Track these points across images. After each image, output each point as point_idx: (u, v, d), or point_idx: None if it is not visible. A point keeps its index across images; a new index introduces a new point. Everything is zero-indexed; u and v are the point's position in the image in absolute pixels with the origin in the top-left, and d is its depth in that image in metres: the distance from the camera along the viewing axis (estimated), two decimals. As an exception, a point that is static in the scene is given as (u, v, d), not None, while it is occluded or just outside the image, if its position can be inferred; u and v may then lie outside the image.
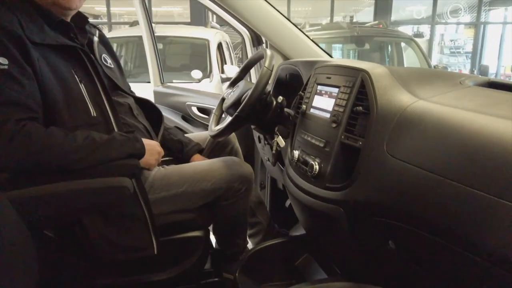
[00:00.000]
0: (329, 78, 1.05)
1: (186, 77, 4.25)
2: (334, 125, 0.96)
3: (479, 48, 10.22)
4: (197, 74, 4.15)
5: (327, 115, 1.01)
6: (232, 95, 1.35)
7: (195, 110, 2.13)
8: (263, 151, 1.67)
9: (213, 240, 1.47)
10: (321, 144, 0.99)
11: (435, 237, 0.69)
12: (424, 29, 10.41)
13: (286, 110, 1.29)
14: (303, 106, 1.14)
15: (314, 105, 1.09)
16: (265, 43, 1.80)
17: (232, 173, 1.29)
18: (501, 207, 0.57)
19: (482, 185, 0.60)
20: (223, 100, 1.46)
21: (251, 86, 1.24)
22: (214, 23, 5.76)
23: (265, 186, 1.96)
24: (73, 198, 0.96)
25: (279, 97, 1.27)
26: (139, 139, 1.12)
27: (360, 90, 0.90)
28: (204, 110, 2.12)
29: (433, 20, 9.90)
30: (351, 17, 10.05)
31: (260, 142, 1.67)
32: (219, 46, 4.76)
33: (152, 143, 1.18)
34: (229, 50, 5.35)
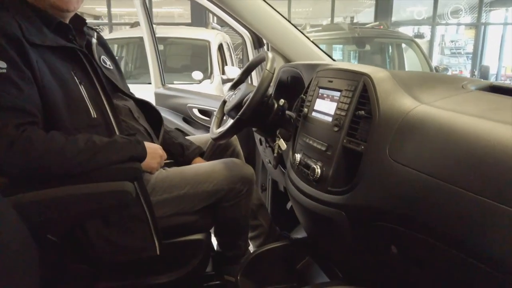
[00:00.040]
0: (331, 81, 1.05)
1: (187, 78, 4.25)
2: (336, 129, 0.96)
3: (479, 49, 10.21)
4: (198, 75, 4.15)
5: (329, 118, 1.01)
6: (234, 98, 1.35)
7: (196, 112, 2.13)
8: (264, 153, 1.67)
9: (214, 243, 1.47)
10: (323, 148, 0.99)
11: (437, 241, 0.69)
12: (425, 30, 10.41)
13: (287, 112, 1.29)
14: (304, 109, 1.14)
15: (316, 108, 1.09)
16: (266, 45, 1.80)
17: (234, 175, 1.29)
18: (504, 213, 0.57)
19: (485, 191, 0.60)
20: (224, 103, 1.46)
21: (253, 89, 1.24)
22: (215, 24, 5.76)
23: (266, 188, 1.96)
24: (75, 203, 0.96)
25: (281, 100, 1.27)
26: (141, 141, 1.12)
27: (362, 94, 0.90)
28: (205, 112, 2.12)
29: (434, 21, 9.90)
30: (352, 18, 10.04)
31: (261, 144, 1.67)
32: (220, 47, 4.77)
33: (154, 146, 1.18)
34: (229, 51, 5.36)
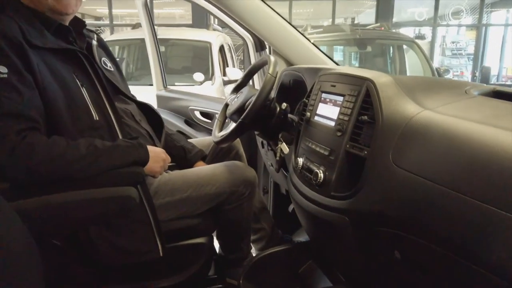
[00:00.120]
0: (333, 86, 1.05)
1: (188, 79, 4.25)
2: (339, 133, 0.96)
3: (481, 50, 10.20)
4: (199, 76, 4.15)
5: (331, 123, 1.01)
6: (236, 101, 1.35)
7: (198, 114, 2.13)
8: (266, 156, 1.67)
9: (216, 246, 1.47)
10: (326, 153, 0.99)
11: (439, 247, 0.69)
12: (426, 31, 10.40)
13: (289, 116, 1.29)
14: (307, 113, 1.14)
15: (319, 112, 1.09)
16: (268, 48, 1.80)
17: (236, 177, 1.29)
18: (507, 220, 0.57)
19: (488, 197, 0.60)
20: (226, 106, 1.46)
21: (255, 92, 1.24)
22: (216, 25, 5.76)
23: (268, 190, 1.96)
24: (78, 209, 0.96)
25: (283, 104, 1.27)
26: (143, 145, 1.11)
27: (365, 99, 0.90)
28: (207, 115, 2.12)
29: (435, 22, 9.89)
30: (353, 19, 10.04)
31: (263, 147, 1.67)
32: (221, 49, 4.77)
33: (157, 150, 1.17)
34: (231, 52, 5.36)
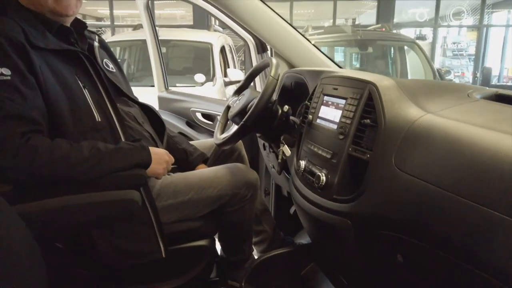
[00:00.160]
0: (335, 89, 1.05)
1: (189, 80, 4.25)
2: (341, 136, 0.96)
3: (482, 51, 10.20)
4: (200, 77, 4.15)
5: (334, 126, 1.01)
6: (238, 104, 1.35)
7: (199, 116, 2.13)
8: (268, 158, 1.67)
9: (218, 249, 1.47)
10: (328, 156, 0.99)
11: (442, 251, 0.69)
12: (427, 31, 10.40)
13: (291, 118, 1.29)
14: (309, 116, 1.14)
15: (321, 115, 1.09)
16: (269, 50, 1.81)
17: (238, 179, 1.29)
18: (509, 224, 0.57)
19: (491, 202, 0.60)
20: (228, 108, 1.46)
21: (257, 95, 1.24)
22: (217, 26, 5.77)
23: (269, 192, 1.96)
24: (81, 212, 0.96)
25: (285, 106, 1.27)
26: (146, 147, 1.11)
27: (367, 102, 0.90)
28: (208, 116, 2.12)
29: (436, 22, 9.89)
30: (354, 20, 10.04)
31: (265, 149, 1.67)
32: (222, 50, 4.77)
33: (159, 152, 1.17)
34: (232, 53, 5.36)
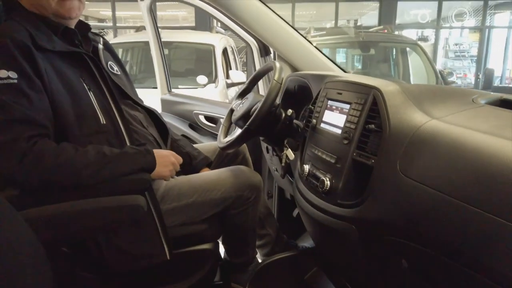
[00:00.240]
0: (340, 93, 1.05)
1: (192, 82, 4.25)
2: (345, 141, 0.96)
3: (484, 52, 10.19)
4: (202, 79, 4.16)
5: (338, 131, 1.01)
6: (241, 107, 1.35)
7: (202, 118, 2.13)
8: (271, 161, 1.67)
9: (221, 252, 1.47)
10: (332, 160, 0.99)
11: (447, 258, 0.69)
12: (429, 33, 10.39)
13: (295, 122, 1.29)
14: (313, 120, 1.14)
15: (325, 120, 1.09)
16: (272, 53, 1.81)
17: (241, 182, 1.29)
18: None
19: (497, 209, 0.59)
20: (231, 112, 1.47)
21: (260, 98, 1.25)
22: (219, 27, 5.77)
23: (272, 195, 1.96)
24: (87, 217, 0.96)
25: (289, 110, 1.27)
26: (150, 151, 1.12)
27: (372, 107, 0.90)
28: (211, 119, 2.12)
29: (438, 24, 9.88)
30: (356, 21, 10.02)
31: (268, 152, 1.67)
32: (224, 51, 4.78)
33: (164, 154, 1.16)
34: (234, 55, 5.37)
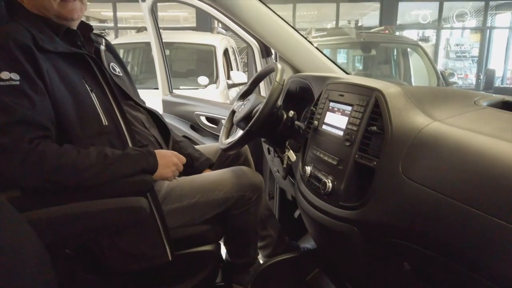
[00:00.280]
0: (341, 95, 1.05)
1: (193, 83, 4.26)
2: (347, 143, 0.96)
3: (485, 53, 10.18)
4: (203, 80, 4.16)
5: (340, 132, 1.01)
6: (243, 109, 1.35)
7: (203, 119, 2.13)
8: (272, 162, 1.67)
9: (222, 253, 1.47)
10: (334, 162, 0.99)
11: (449, 260, 0.69)
12: (430, 33, 10.38)
13: (296, 123, 1.29)
14: (314, 122, 1.14)
15: (326, 121, 1.09)
16: (274, 54, 1.81)
17: (243, 183, 1.29)
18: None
19: (499, 212, 0.59)
20: (233, 113, 1.47)
21: (262, 100, 1.25)
22: (220, 28, 5.77)
23: (273, 196, 1.96)
24: (90, 219, 0.97)
25: (290, 112, 1.27)
26: (152, 152, 1.12)
27: (374, 109, 0.90)
28: (212, 120, 2.12)
29: (439, 24, 9.87)
30: (356, 22, 10.02)
31: (269, 153, 1.67)
32: (225, 52, 4.78)
33: (167, 156, 1.16)
34: (235, 56, 5.37)
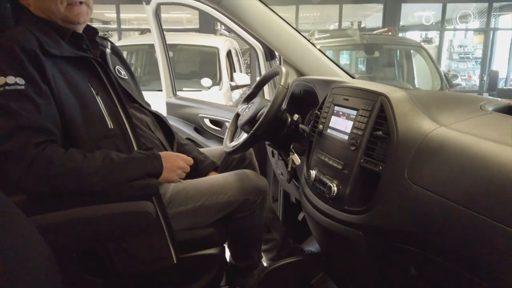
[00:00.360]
0: (346, 99, 1.05)
1: (196, 85, 4.27)
2: (352, 148, 0.96)
3: (488, 54, 10.15)
4: (206, 82, 4.17)
5: (345, 137, 1.01)
6: (248, 112, 1.35)
7: (207, 122, 2.14)
8: (277, 165, 1.67)
9: (227, 257, 1.47)
10: (339, 166, 0.99)
11: (455, 266, 0.69)
12: (433, 35, 10.36)
13: (301, 126, 1.29)
14: (319, 125, 1.14)
15: (331, 125, 1.09)
16: (278, 57, 1.81)
17: (247, 186, 1.29)
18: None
19: (506, 218, 0.59)
20: (237, 116, 1.47)
21: (267, 103, 1.25)
22: (223, 30, 5.79)
23: (277, 199, 1.96)
24: (97, 224, 0.97)
25: (295, 115, 1.27)
26: (158, 155, 1.12)
27: (379, 114, 0.90)
28: (216, 122, 2.12)
29: (442, 26, 9.85)
30: (359, 23, 10.03)
31: (273, 156, 1.68)
32: (228, 54, 4.79)
33: (172, 159, 1.16)
34: (238, 57, 5.38)
